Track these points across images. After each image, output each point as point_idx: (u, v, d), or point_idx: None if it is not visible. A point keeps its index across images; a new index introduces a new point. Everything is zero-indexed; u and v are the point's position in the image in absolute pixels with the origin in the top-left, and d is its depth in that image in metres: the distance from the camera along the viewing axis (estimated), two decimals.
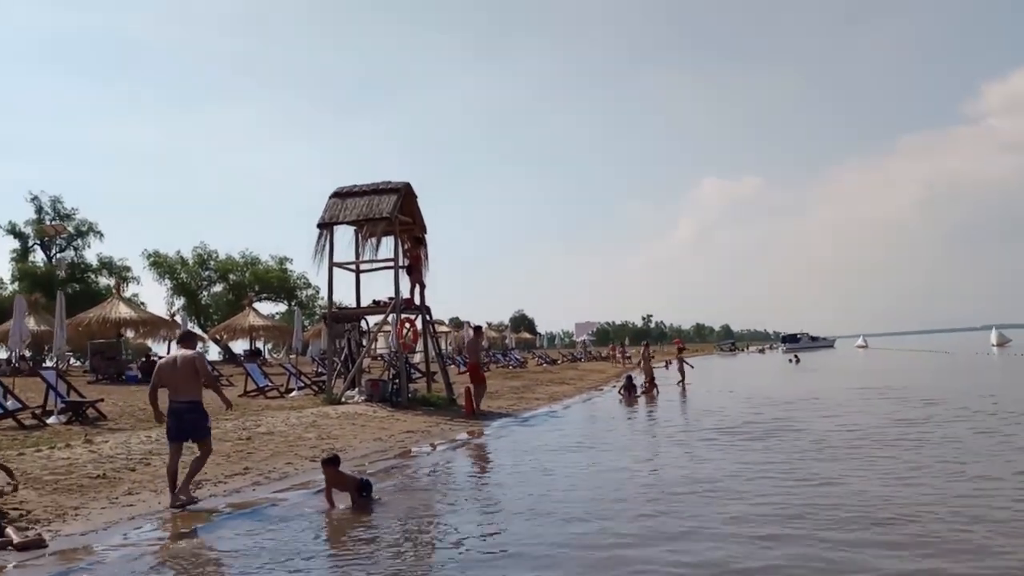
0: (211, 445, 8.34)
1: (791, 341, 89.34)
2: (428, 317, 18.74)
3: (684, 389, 24.34)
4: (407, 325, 17.48)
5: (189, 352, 8.41)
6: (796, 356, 49.98)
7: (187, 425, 8.05)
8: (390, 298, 17.51)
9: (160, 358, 11.65)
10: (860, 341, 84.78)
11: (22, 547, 6.09)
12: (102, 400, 14.45)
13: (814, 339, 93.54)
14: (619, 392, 22.03)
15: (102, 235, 46.92)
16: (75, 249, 46.85)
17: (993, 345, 54.48)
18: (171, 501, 7.75)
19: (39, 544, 6.21)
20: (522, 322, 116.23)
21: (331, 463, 7.96)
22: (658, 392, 22.64)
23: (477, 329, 19.89)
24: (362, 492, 7.89)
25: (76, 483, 8.33)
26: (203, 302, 51.99)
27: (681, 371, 25.90)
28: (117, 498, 7.96)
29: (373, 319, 18.59)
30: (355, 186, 17.96)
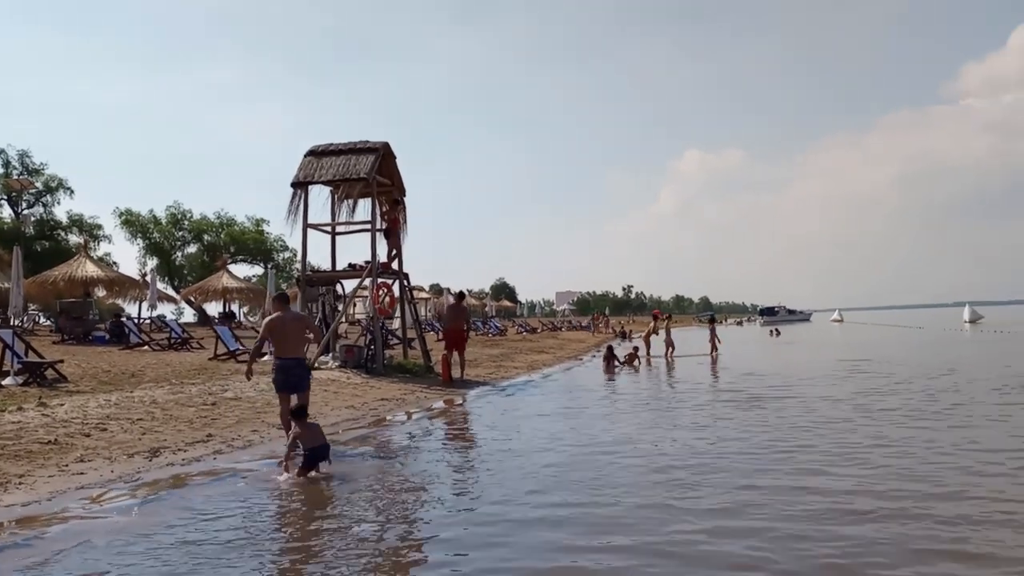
0: (309, 397, 8.96)
1: (769, 314, 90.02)
2: (406, 282, 18.25)
3: (715, 359, 23.93)
4: (384, 290, 16.98)
5: (299, 313, 9.29)
6: (776, 329, 50.10)
7: (294, 379, 8.67)
8: (367, 262, 16.97)
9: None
10: (835, 315, 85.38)
11: None
12: (62, 361, 13.84)
13: (791, 312, 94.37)
14: (604, 361, 21.78)
15: (72, 192, 45.57)
16: (44, 206, 45.50)
17: (966, 321, 54.92)
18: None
19: None
20: (503, 290, 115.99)
21: (299, 414, 7.76)
22: (639, 363, 22.40)
23: (460, 295, 19.50)
24: (313, 455, 7.48)
25: (24, 449, 7.82)
26: (176, 262, 50.97)
27: (712, 341, 25.56)
28: (67, 466, 7.47)
29: (349, 283, 18.06)
30: (331, 144, 17.28)
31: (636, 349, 23.33)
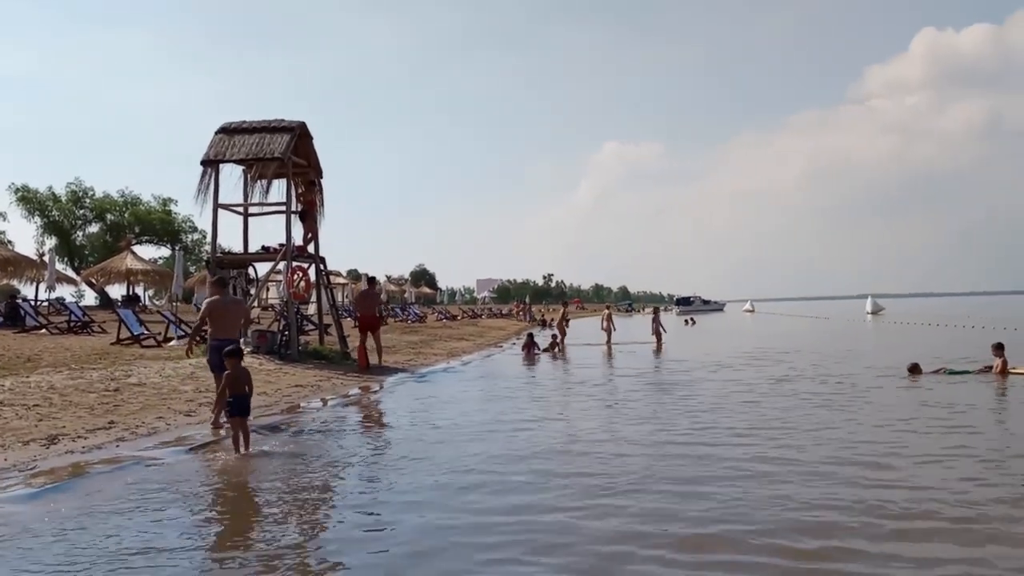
0: None
1: (684, 304, 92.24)
2: (322, 267, 17.87)
3: (659, 349, 23.80)
4: (299, 274, 16.58)
5: (237, 298, 9.94)
6: (692, 318, 51.45)
7: None
8: (281, 245, 16.52)
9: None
10: (747, 306, 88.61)
11: None
12: None
13: (706, 302, 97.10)
14: (523, 349, 21.92)
15: None
16: None
17: (868, 313, 57.85)
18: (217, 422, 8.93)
19: None
20: (423, 276, 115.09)
21: (234, 354, 7.97)
22: (560, 351, 22.65)
23: (371, 280, 19.28)
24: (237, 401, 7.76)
25: None
26: (77, 242, 48.45)
27: (656, 332, 25.16)
28: None
29: (262, 267, 17.53)
30: (244, 122, 16.66)
31: (555, 337, 23.58)
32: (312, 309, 22.95)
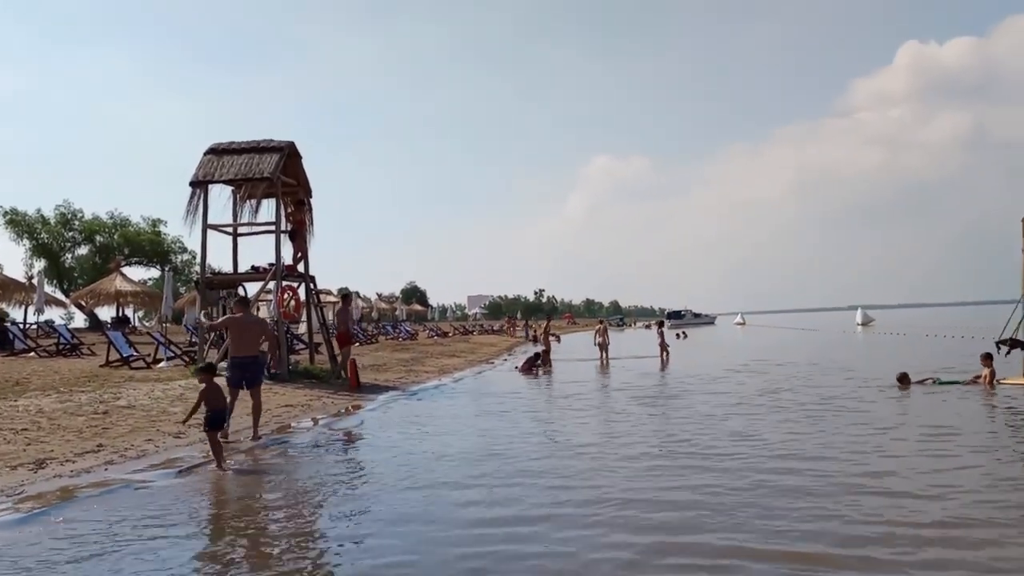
0: (261, 393, 9.86)
1: (675, 317, 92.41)
2: (312, 286, 17.86)
3: (665, 361, 23.79)
4: (289, 293, 16.56)
5: (259, 317, 10.33)
6: (683, 332, 51.49)
7: (248, 376, 9.43)
8: (271, 264, 16.51)
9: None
10: (738, 319, 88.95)
11: None
12: None
13: (697, 316, 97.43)
14: (524, 363, 22.04)
15: None
16: None
17: (858, 324, 58.09)
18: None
19: None
20: (414, 294, 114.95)
21: (206, 370, 8.35)
22: (548, 365, 22.68)
23: (345, 297, 19.38)
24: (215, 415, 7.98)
25: None
26: (66, 265, 48.23)
27: (662, 345, 25.17)
28: None
29: (251, 286, 17.51)
30: (233, 143, 16.70)
31: (545, 352, 23.59)
32: (302, 328, 22.89)
